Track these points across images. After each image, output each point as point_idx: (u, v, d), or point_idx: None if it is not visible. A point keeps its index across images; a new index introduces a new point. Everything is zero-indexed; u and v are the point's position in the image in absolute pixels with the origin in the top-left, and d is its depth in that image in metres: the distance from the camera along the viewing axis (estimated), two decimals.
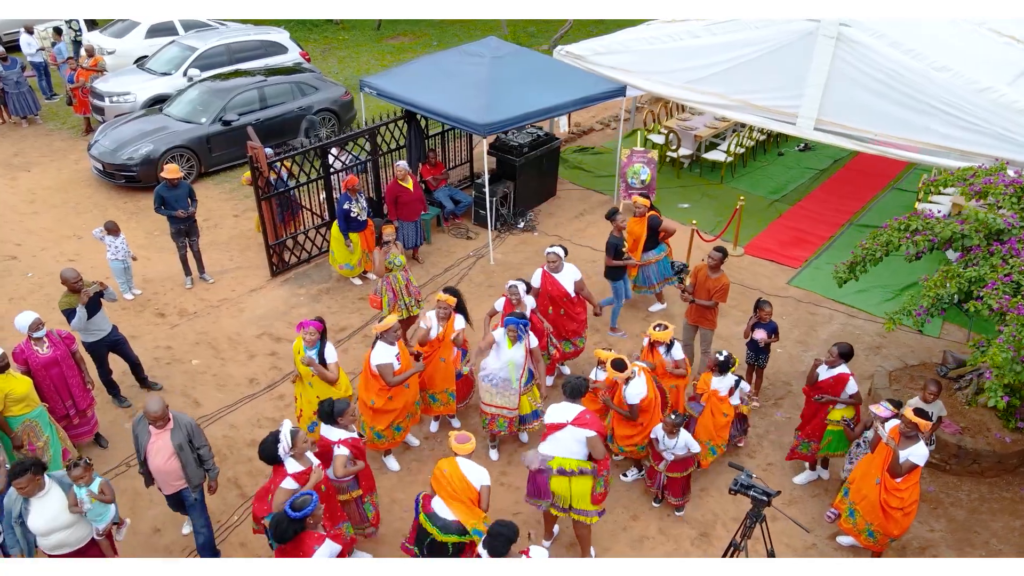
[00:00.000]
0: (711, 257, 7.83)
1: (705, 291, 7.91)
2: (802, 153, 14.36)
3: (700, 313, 8.05)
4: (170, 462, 5.80)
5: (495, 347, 7.07)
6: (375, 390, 6.64)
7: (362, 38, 21.70)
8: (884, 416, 6.10)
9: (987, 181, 7.04)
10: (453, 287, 7.39)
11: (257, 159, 9.37)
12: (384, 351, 6.55)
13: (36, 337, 6.81)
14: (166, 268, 10.47)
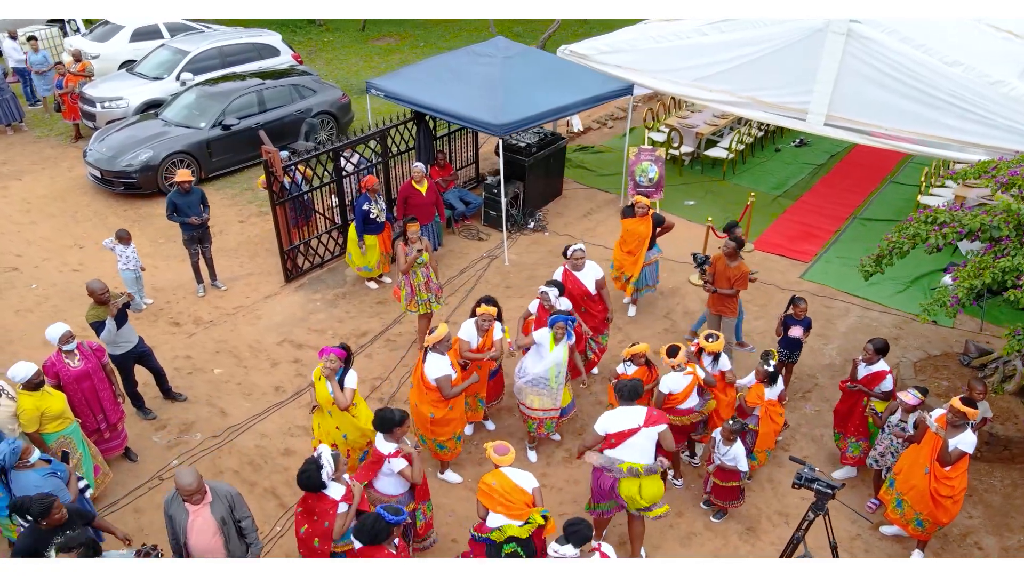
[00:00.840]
0: (727, 246, 8.00)
1: (725, 279, 8.06)
2: (798, 149, 14.55)
3: (721, 302, 8.18)
4: (215, 540, 5.20)
5: (536, 348, 7.04)
6: (431, 402, 6.53)
7: (347, 40, 21.49)
8: (912, 404, 6.21)
9: (1013, 172, 7.19)
10: (491, 297, 7.30)
11: (272, 163, 9.22)
12: (440, 363, 6.45)
13: (67, 350, 6.62)
14: (175, 276, 10.26)
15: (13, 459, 5.43)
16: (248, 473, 7.25)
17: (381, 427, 5.65)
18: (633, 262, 8.93)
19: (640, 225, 8.80)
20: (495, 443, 5.60)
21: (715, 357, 6.87)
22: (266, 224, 11.54)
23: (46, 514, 4.69)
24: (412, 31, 22.33)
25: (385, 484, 5.74)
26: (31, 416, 6.04)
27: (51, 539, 4.70)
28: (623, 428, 5.82)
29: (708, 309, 8.40)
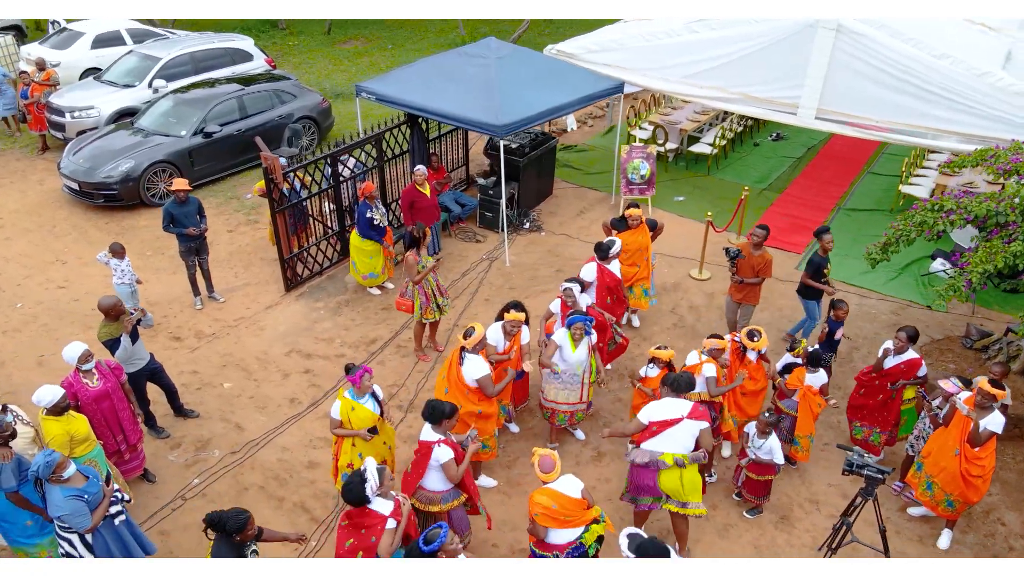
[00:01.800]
0: (755, 235, 8.22)
1: (750, 268, 8.28)
2: (776, 143, 14.85)
3: (747, 290, 8.38)
4: None
5: (558, 351, 7.02)
6: (475, 402, 6.45)
7: (312, 43, 21.16)
8: (952, 392, 6.37)
9: (1016, 160, 7.44)
10: (519, 302, 7.25)
11: (272, 170, 9.01)
12: (479, 363, 6.39)
13: (86, 369, 6.36)
14: (168, 289, 9.95)
15: (47, 471, 5.19)
16: (274, 488, 7.07)
17: (431, 418, 5.59)
18: (639, 272, 8.76)
19: (638, 236, 8.64)
20: (539, 458, 5.40)
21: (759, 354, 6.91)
22: (256, 233, 11.30)
23: (241, 529, 4.78)
24: (378, 33, 22.10)
25: (432, 480, 5.67)
26: (61, 442, 5.78)
27: (244, 552, 4.87)
28: (666, 417, 5.86)
29: (729, 297, 8.63)
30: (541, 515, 5.25)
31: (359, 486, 5.09)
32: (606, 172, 13.37)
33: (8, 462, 5.52)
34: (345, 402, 6.11)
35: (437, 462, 5.61)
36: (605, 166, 13.64)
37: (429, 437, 5.65)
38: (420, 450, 5.68)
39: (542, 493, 5.32)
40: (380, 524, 5.16)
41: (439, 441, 5.59)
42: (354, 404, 6.11)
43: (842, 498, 7.08)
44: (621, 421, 7.91)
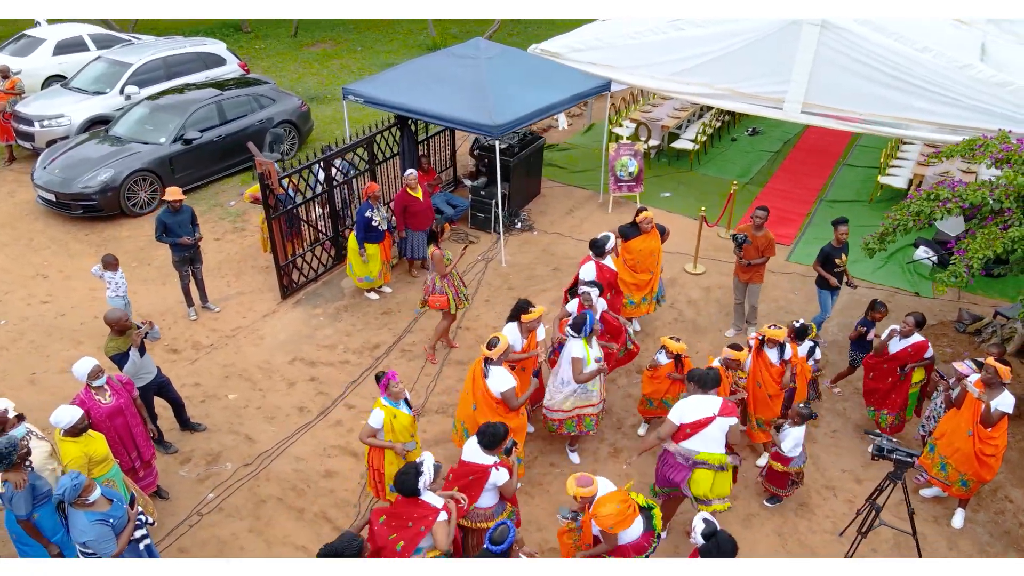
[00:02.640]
0: (757, 216, 8.54)
1: (755, 249, 8.58)
2: (752, 137, 15.11)
3: (753, 269, 8.73)
4: None
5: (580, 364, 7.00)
6: (501, 414, 6.33)
7: (279, 46, 20.83)
8: (966, 373, 6.57)
9: (1007, 148, 7.70)
10: (528, 300, 7.20)
11: (268, 175, 8.85)
12: (505, 376, 6.29)
13: (97, 385, 6.16)
14: (159, 301, 9.70)
15: (73, 495, 5.02)
16: (293, 499, 6.94)
17: (491, 444, 5.45)
18: (650, 279, 8.70)
19: (650, 241, 8.55)
20: (575, 480, 5.29)
21: (780, 348, 6.96)
22: (243, 240, 11.09)
23: (357, 554, 4.64)
24: (346, 36, 21.86)
25: (485, 499, 5.59)
26: (80, 464, 5.58)
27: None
28: (699, 417, 5.87)
29: (736, 278, 8.95)
30: (617, 523, 5.15)
31: (413, 478, 5.04)
32: (590, 170, 13.45)
33: (21, 490, 5.30)
34: (387, 410, 6.02)
35: (494, 485, 5.52)
36: (589, 164, 13.72)
37: (483, 460, 5.51)
38: (472, 472, 5.52)
39: (602, 504, 5.22)
40: (432, 515, 5.06)
41: (496, 464, 5.49)
42: (395, 411, 6.03)
43: (855, 483, 7.24)
44: (633, 416, 7.97)
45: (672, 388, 7.26)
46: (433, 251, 8.24)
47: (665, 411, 7.24)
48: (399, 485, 5.09)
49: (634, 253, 8.41)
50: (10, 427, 5.63)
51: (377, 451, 6.19)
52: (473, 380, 6.39)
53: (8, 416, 5.62)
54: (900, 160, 13.01)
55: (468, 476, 5.47)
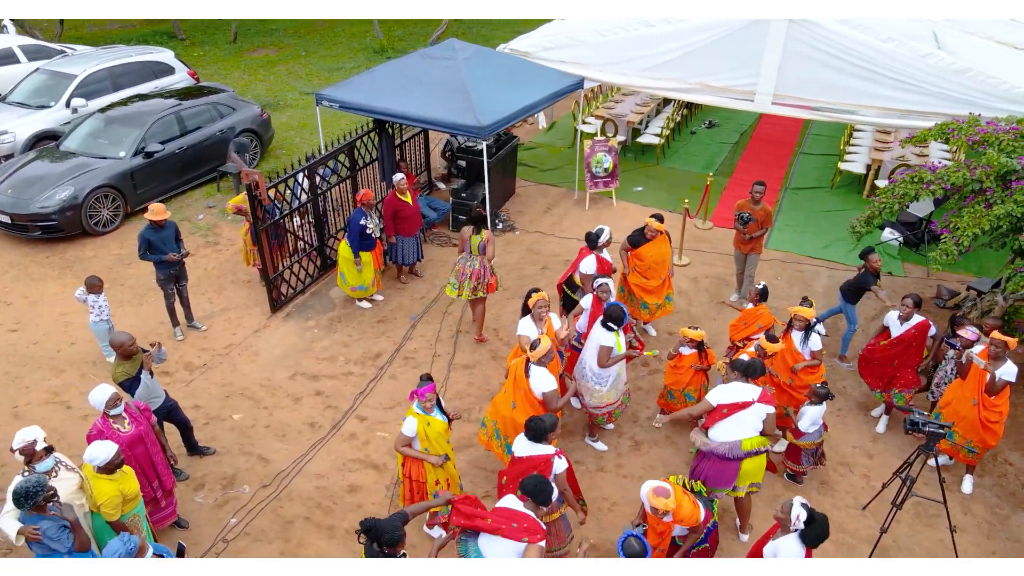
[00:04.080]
0: (755, 191, 9.00)
1: (755, 224, 9.05)
2: (710, 130, 15.49)
3: (753, 241, 9.25)
4: None
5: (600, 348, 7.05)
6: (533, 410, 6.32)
7: (219, 54, 20.18)
8: (972, 338, 6.90)
9: (983, 131, 8.13)
10: (535, 287, 7.24)
11: (256, 186, 8.56)
12: (547, 376, 6.26)
13: (115, 414, 5.84)
14: (139, 322, 9.26)
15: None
16: (320, 518, 6.74)
17: (538, 436, 5.45)
18: (663, 284, 8.60)
19: (660, 247, 8.41)
20: (654, 488, 5.26)
21: (807, 332, 7.14)
22: (219, 255, 10.70)
23: (395, 545, 4.59)
24: (287, 41, 21.35)
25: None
26: (115, 503, 5.28)
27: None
28: (738, 400, 5.99)
29: (737, 250, 9.42)
30: (697, 514, 5.29)
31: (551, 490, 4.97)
32: (561, 168, 13.53)
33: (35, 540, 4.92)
34: (420, 418, 5.91)
35: (553, 474, 5.49)
36: (558, 162, 13.81)
37: (542, 451, 5.49)
38: (535, 466, 5.47)
39: (680, 508, 5.28)
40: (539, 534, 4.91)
41: (558, 452, 5.48)
42: (429, 419, 5.93)
43: (867, 458, 7.52)
44: (647, 409, 8.07)
45: (694, 379, 7.37)
46: (486, 234, 8.34)
47: (686, 404, 7.39)
48: (541, 496, 4.90)
49: (645, 260, 8.35)
50: (38, 460, 5.28)
51: (414, 461, 6.08)
52: (514, 381, 6.34)
53: (36, 448, 5.26)
54: (855, 147, 13.56)
55: (532, 470, 5.43)
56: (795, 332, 7.16)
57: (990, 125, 8.40)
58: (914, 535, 6.68)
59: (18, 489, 4.88)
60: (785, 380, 7.19)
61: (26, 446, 5.27)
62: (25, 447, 5.27)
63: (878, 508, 6.87)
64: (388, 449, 7.48)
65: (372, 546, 4.61)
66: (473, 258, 8.45)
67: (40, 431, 5.38)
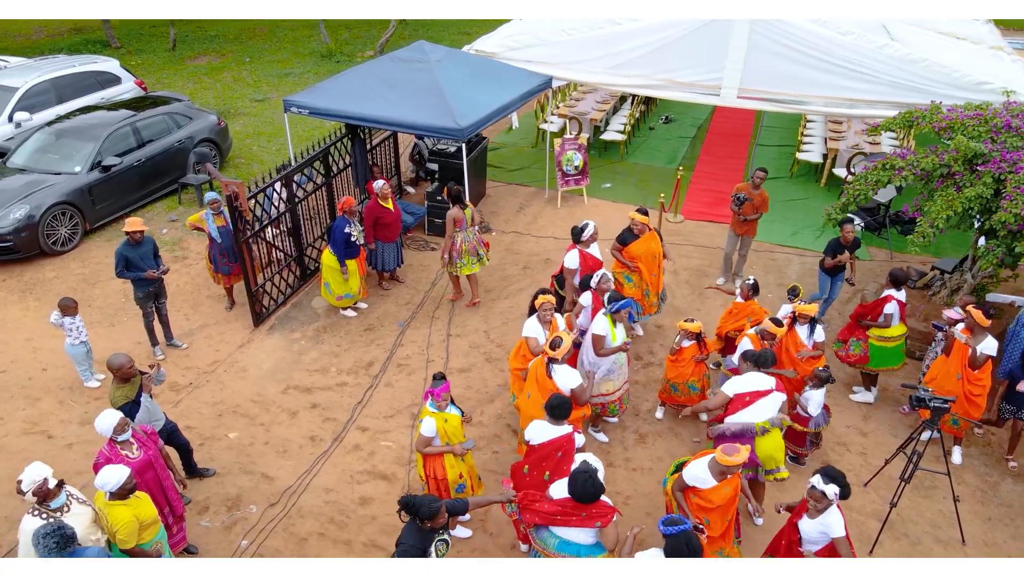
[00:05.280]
0: (757, 176, 9.47)
1: (751, 206, 9.49)
2: (667, 125, 15.77)
3: (748, 224, 9.67)
4: None
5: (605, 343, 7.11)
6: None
7: (158, 61, 19.47)
8: (956, 318, 7.23)
9: (948, 118, 8.51)
10: (544, 288, 7.25)
11: (237, 197, 8.31)
12: (572, 373, 6.29)
13: (123, 440, 5.58)
14: (112, 344, 8.86)
15: None
16: (335, 533, 6.59)
17: (564, 413, 5.54)
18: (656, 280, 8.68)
19: (649, 243, 8.45)
20: (723, 449, 5.29)
21: (811, 326, 7.32)
22: (189, 270, 10.35)
23: (433, 517, 4.73)
24: (229, 47, 20.76)
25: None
26: (131, 530, 5.04)
27: (433, 537, 4.81)
28: (758, 388, 6.14)
29: (732, 231, 9.78)
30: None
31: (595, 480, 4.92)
32: (527, 167, 13.57)
33: None
34: (436, 416, 5.90)
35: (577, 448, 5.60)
36: (524, 161, 13.84)
37: (561, 431, 5.59)
38: (558, 448, 5.54)
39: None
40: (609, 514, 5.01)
41: (575, 430, 5.58)
42: (445, 415, 5.95)
43: (861, 436, 7.79)
44: (646, 402, 8.16)
45: (696, 371, 7.50)
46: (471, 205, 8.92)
47: (691, 396, 7.53)
48: (583, 494, 4.87)
49: (635, 257, 8.40)
50: (52, 497, 4.99)
51: (433, 459, 6.04)
52: (537, 382, 6.31)
53: (48, 487, 4.98)
54: (809, 137, 14.02)
55: (556, 452, 5.50)
56: (800, 327, 7.36)
57: (951, 112, 8.80)
58: (915, 507, 6.95)
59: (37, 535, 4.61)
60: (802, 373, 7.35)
61: (38, 487, 4.98)
62: (38, 489, 4.97)
63: (878, 483, 7.14)
64: (395, 458, 7.38)
65: (414, 521, 4.77)
66: (471, 229, 8.88)
67: (46, 468, 5.10)
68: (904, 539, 6.64)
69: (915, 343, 8.85)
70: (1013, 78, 10.82)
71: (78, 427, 7.68)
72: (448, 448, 5.94)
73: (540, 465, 5.62)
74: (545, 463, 5.57)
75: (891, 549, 6.53)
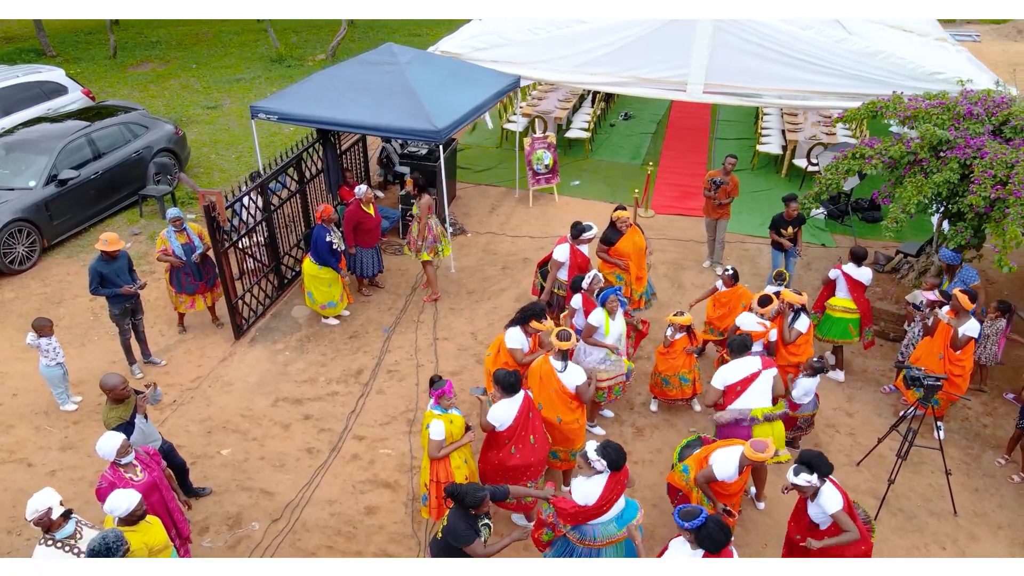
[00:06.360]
0: (728, 163, 9.87)
1: (724, 191, 9.94)
2: (627, 121, 15.97)
3: (722, 209, 10.08)
4: None
5: (597, 334, 7.17)
6: (573, 409, 6.29)
7: (99, 70, 18.79)
8: (935, 300, 7.51)
9: (913, 107, 8.84)
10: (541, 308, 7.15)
11: (215, 207, 8.07)
12: (580, 370, 6.30)
13: (126, 463, 5.37)
14: (85, 365, 8.53)
15: None
16: (344, 545, 6.46)
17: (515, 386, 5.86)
18: (640, 276, 8.71)
19: (635, 237, 8.48)
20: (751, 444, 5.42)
21: (796, 313, 7.44)
22: (159, 284, 9.98)
23: (478, 505, 4.92)
24: (173, 54, 20.18)
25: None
26: (141, 556, 4.84)
27: (477, 524, 4.99)
28: (746, 375, 6.27)
29: (708, 217, 10.23)
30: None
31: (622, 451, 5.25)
32: (494, 168, 13.57)
33: None
34: (443, 418, 5.91)
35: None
36: (490, 162, 13.83)
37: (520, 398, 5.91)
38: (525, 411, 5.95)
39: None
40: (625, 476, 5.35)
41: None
42: (451, 416, 5.97)
43: (848, 417, 8.04)
44: (639, 396, 8.24)
45: (686, 362, 7.61)
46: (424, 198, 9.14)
47: (682, 388, 7.65)
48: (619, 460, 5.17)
49: (625, 255, 8.39)
50: (56, 528, 4.76)
51: (441, 464, 6.01)
52: (541, 380, 6.30)
53: (53, 516, 4.74)
54: (767, 129, 14.38)
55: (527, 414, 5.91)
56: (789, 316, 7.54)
57: (912, 101, 9.15)
58: (906, 482, 7.20)
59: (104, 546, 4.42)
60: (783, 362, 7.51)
61: (41, 517, 4.74)
62: (40, 518, 4.74)
63: (868, 461, 7.37)
64: (396, 466, 7.28)
65: (459, 510, 4.93)
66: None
67: (55, 495, 4.87)
68: (900, 514, 6.87)
69: (888, 325, 9.19)
70: (960, 67, 11.32)
71: (59, 453, 7.36)
72: (464, 441, 6.02)
73: (520, 435, 5.84)
74: (523, 431, 5.82)
75: (889, 524, 6.75)
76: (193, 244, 8.51)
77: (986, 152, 7.95)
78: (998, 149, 7.93)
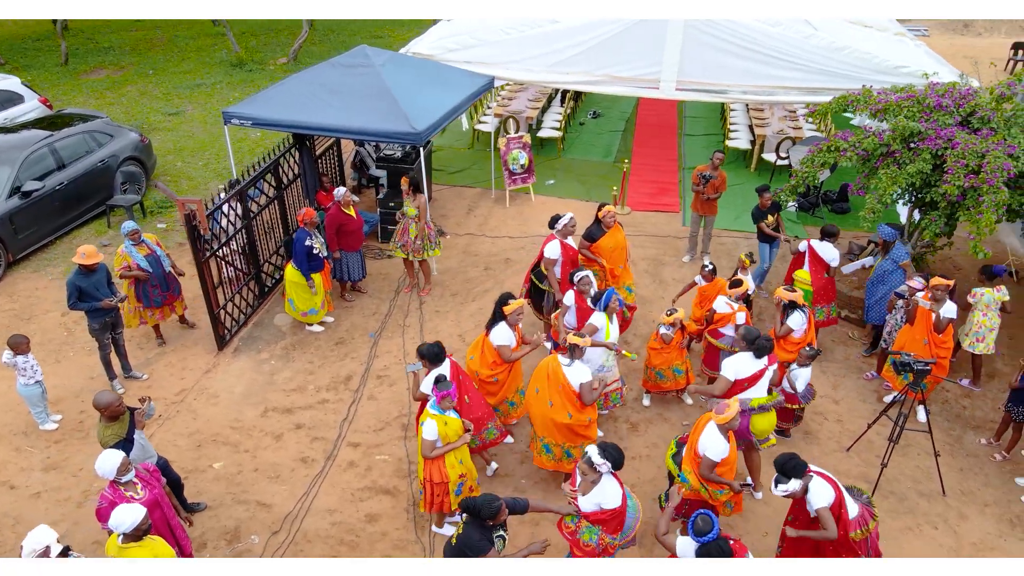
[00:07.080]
0: (716, 158, 10.00)
1: (712, 186, 10.03)
2: (596, 119, 16.06)
3: (710, 204, 10.17)
4: None
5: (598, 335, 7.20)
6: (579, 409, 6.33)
7: (51, 78, 18.19)
8: (918, 287, 7.72)
9: (883, 101, 9.07)
10: (508, 293, 7.18)
11: (196, 215, 7.89)
12: (583, 368, 6.32)
13: (126, 481, 5.22)
14: (63, 382, 8.28)
15: None
16: (347, 554, 6.37)
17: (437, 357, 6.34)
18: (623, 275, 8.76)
19: (618, 235, 8.57)
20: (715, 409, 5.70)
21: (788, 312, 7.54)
22: None
23: (495, 516, 4.87)
24: (127, 60, 19.63)
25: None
26: None
27: (494, 532, 4.94)
28: (756, 370, 6.38)
29: (695, 212, 10.33)
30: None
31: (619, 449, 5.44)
32: (467, 169, 13.53)
33: None
34: (438, 419, 5.91)
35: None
36: (463, 163, 13.78)
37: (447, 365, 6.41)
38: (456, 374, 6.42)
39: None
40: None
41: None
42: (446, 418, 5.96)
43: (834, 404, 8.22)
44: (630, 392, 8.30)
45: (679, 355, 7.70)
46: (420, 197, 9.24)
47: (677, 380, 7.73)
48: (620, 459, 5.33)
49: (605, 252, 8.41)
50: None
51: (435, 464, 6.02)
52: (548, 378, 6.31)
53: (51, 555, 4.57)
54: (735, 125, 14.61)
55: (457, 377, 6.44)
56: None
57: (881, 94, 9.39)
58: (896, 465, 7.38)
59: None
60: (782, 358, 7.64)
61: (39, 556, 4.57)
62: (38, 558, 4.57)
63: (857, 446, 7.54)
64: (394, 471, 7.21)
65: (474, 521, 4.89)
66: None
67: (51, 531, 4.70)
68: (892, 496, 7.05)
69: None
70: (921, 61, 11.63)
71: (41, 474, 7.12)
72: (460, 443, 5.99)
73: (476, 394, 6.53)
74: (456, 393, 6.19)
75: (882, 507, 6.90)
76: (156, 254, 8.29)
77: (957, 143, 8.19)
78: (968, 139, 8.18)
